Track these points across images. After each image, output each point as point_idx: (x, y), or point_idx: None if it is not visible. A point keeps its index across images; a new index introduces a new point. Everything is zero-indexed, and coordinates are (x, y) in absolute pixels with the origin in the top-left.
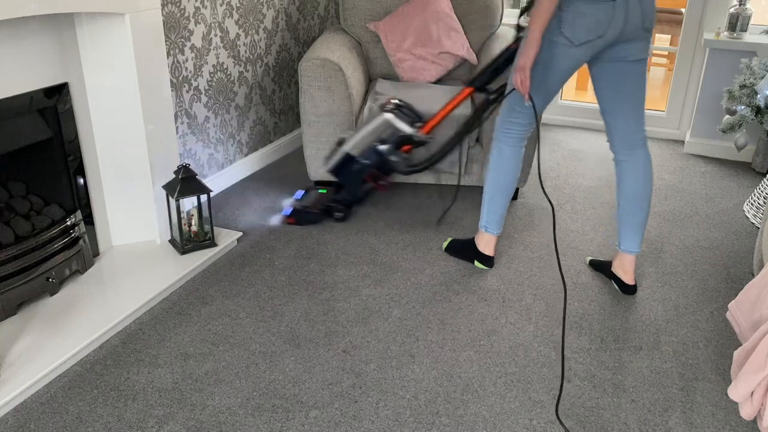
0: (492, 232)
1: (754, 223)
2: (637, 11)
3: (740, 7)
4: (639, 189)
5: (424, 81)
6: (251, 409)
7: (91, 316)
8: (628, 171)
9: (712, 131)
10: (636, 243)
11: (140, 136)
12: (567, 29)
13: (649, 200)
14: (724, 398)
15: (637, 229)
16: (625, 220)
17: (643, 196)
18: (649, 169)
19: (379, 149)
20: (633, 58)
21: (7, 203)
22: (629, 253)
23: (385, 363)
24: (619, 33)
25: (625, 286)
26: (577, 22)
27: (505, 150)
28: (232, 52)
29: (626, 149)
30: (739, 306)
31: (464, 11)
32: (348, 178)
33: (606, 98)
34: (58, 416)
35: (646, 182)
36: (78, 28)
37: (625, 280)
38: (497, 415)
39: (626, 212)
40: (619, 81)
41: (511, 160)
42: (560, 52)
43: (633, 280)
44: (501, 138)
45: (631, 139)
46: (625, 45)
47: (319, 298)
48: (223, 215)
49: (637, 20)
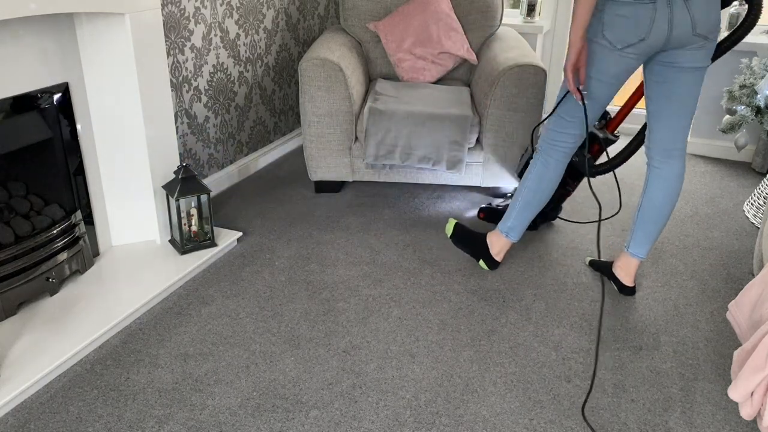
0: (512, 238)
1: (754, 223)
2: (684, 15)
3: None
4: (665, 200)
5: (424, 81)
6: (251, 409)
7: (91, 316)
8: (658, 179)
9: (712, 131)
10: (645, 249)
11: (140, 136)
12: (608, 32)
13: (670, 212)
14: (724, 398)
15: (650, 237)
16: (641, 225)
17: (666, 207)
18: (680, 183)
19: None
20: (688, 65)
21: (7, 203)
22: (635, 257)
23: (385, 363)
24: (665, 37)
25: (624, 288)
26: (616, 24)
27: (551, 162)
28: (232, 52)
29: (662, 157)
30: (739, 306)
31: (464, 11)
32: None
33: (653, 102)
34: (58, 416)
35: (672, 194)
36: (78, 28)
37: (625, 282)
38: (497, 415)
39: (645, 218)
40: (668, 86)
41: (555, 173)
42: (604, 56)
43: (633, 282)
44: (548, 150)
45: (670, 148)
46: (679, 51)
47: (319, 298)
48: (224, 215)
49: (686, 25)
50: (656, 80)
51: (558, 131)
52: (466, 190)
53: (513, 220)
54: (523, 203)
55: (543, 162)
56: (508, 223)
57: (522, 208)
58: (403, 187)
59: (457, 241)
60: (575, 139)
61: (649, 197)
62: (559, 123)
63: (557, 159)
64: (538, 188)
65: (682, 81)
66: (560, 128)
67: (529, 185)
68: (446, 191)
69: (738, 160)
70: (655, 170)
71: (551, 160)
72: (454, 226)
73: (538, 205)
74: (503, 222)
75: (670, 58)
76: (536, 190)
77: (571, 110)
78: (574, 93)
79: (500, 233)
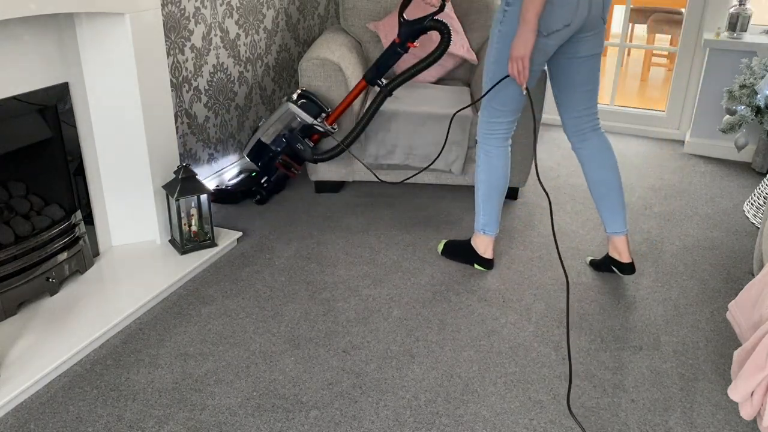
0: (490, 233)
1: (754, 223)
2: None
3: (740, 7)
4: (603, 173)
5: (424, 81)
6: (251, 409)
7: (91, 316)
8: (586, 158)
9: (712, 131)
10: (620, 223)
11: (140, 136)
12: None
13: (617, 181)
14: (724, 398)
15: (615, 211)
16: (601, 205)
17: (609, 179)
18: (609, 152)
19: (285, 137)
20: (587, 53)
21: (7, 203)
22: (617, 234)
23: (385, 363)
24: (583, 21)
25: (623, 266)
26: (546, 11)
27: (492, 151)
28: (232, 52)
29: (579, 139)
30: (739, 306)
31: (464, 11)
32: (262, 164)
33: (560, 92)
34: (58, 416)
35: (607, 165)
36: (78, 28)
37: (621, 260)
38: (497, 415)
39: (599, 197)
40: (572, 76)
41: (500, 159)
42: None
43: (629, 257)
44: (486, 140)
45: (583, 129)
46: (583, 37)
47: (319, 298)
48: (223, 215)
49: (598, 8)
50: (560, 72)
51: (492, 121)
52: (466, 189)
53: (482, 216)
54: (484, 197)
55: (485, 152)
56: (480, 221)
57: (484, 201)
58: (403, 187)
59: (448, 255)
60: (509, 127)
61: (590, 177)
62: (492, 113)
63: (497, 145)
64: (491, 178)
65: (584, 69)
66: (494, 117)
67: (482, 178)
68: (446, 191)
69: (738, 160)
70: (579, 151)
71: (492, 149)
72: (444, 244)
73: (498, 193)
74: (476, 221)
75: (572, 48)
76: (489, 180)
77: (502, 99)
78: (522, 80)
79: (479, 234)
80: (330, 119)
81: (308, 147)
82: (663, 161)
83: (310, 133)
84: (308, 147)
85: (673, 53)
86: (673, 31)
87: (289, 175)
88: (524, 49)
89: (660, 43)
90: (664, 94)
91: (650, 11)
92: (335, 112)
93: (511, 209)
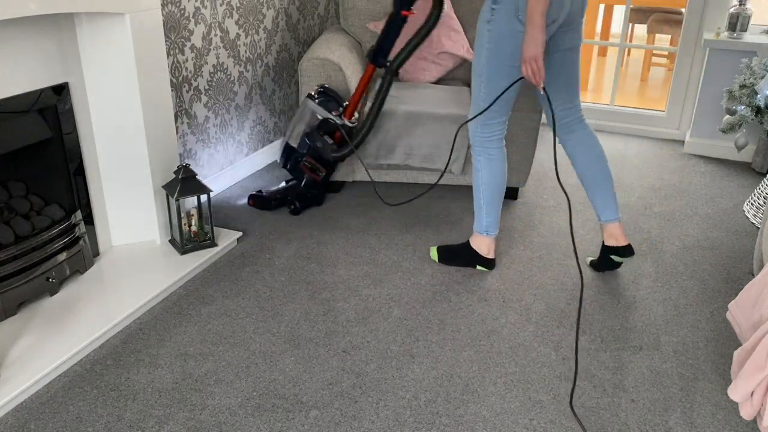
0: (493, 234)
1: (754, 223)
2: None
3: (740, 7)
4: (590, 163)
5: (424, 81)
6: (251, 409)
7: (91, 316)
8: (572, 149)
9: (712, 131)
10: (612, 210)
11: (140, 136)
12: (524, 15)
13: (606, 169)
14: (724, 398)
15: (606, 198)
16: (592, 194)
17: (596, 168)
18: (595, 141)
19: (307, 137)
20: (568, 45)
21: (7, 203)
22: (610, 222)
23: (385, 363)
24: (566, 16)
25: (623, 249)
26: None
27: (493, 152)
28: (232, 52)
29: (564, 132)
30: (739, 306)
31: (464, 11)
32: (290, 167)
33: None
34: (58, 416)
35: (593, 154)
36: (78, 28)
37: (619, 243)
38: (497, 415)
39: (590, 187)
40: (555, 70)
41: (501, 161)
42: (519, 41)
43: (626, 240)
44: (486, 143)
45: (568, 122)
46: (564, 30)
47: (319, 298)
48: (223, 215)
49: (579, 2)
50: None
51: (489, 123)
52: (466, 189)
53: (485, 218)
54: (488, 200)
55: (487, 156)
56: (483, 223)
57: (488, 204)
58: (403, 187)
59: (445, 261)
60: (503, 126)
61: (579, 167)
62: (488, 115)
63: (497, 147)
64: (493, 181)
65: (566, 61)
66: (491, 119)
67: (485, 182)
68: (446, 191)
69: (738, 160)
70: (567, 143)
71: (493, 151)
72: (437, 250)
73: (501, 193)
74: (478, 223)
75: (554, 43)
76: (492, 183)
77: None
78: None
79: (481, 236)
80: (347, 113)
81: (327, 144)
82: (663, 161)
83: (331, 130)
84: (327, 144)
85: (673, 53)
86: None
87: (315, 178)
88: (536, 49)
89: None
90: (664, 94)
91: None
92: (351, 105)
93: (511, 209)
